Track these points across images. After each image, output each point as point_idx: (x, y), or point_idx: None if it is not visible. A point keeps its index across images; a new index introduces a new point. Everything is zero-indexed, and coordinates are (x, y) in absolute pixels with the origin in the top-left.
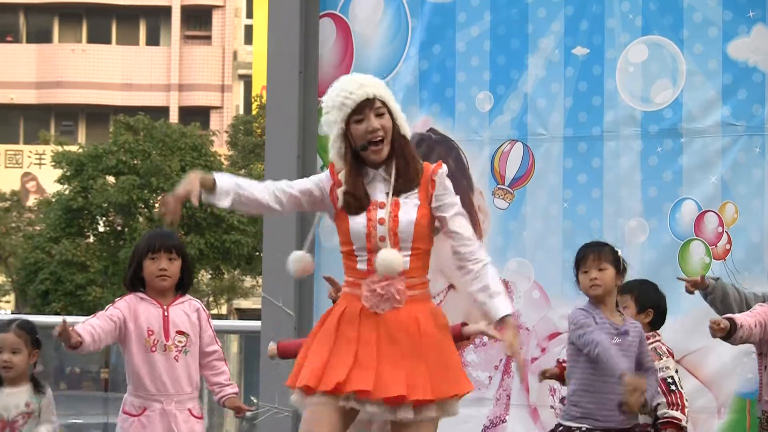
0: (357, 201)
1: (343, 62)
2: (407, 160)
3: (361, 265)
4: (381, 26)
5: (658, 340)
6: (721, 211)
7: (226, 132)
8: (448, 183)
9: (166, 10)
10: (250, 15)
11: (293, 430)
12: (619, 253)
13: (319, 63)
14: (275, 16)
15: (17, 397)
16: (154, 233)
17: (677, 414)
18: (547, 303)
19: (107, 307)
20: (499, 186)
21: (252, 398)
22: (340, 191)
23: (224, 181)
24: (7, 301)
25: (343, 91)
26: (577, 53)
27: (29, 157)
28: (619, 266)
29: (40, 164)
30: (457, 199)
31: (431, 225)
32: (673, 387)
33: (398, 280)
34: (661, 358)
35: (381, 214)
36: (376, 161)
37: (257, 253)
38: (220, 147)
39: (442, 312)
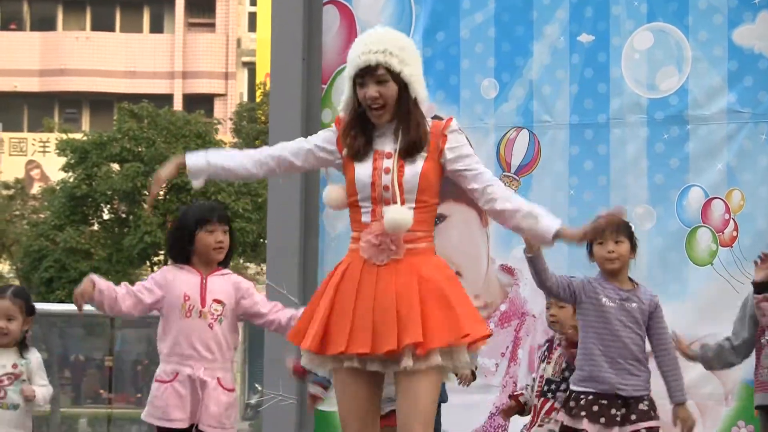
0: (357, 144)
1: (347, 49)
2: (411, 126)
3: (366, 217)
4: (384, 13)
5: None
6: (727, 197)
7: (230, 119)
8: (461, 136)
9: None
10: (253, 2)
11: (297, 417)
12: (633, 228)
13: (322, 50)
14: (279, 3)
15: (4, 358)
16: (203, 205)
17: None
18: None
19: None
20: (504, 173)
21: (256, 386)
22: (345, 138)
23: (195, 162)
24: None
25: (355, 50)
26: (582, 40)
27: (33, 144)
28: (633, 241)
29: (44, 152)
30: (471, 149)
31: (438, 179)
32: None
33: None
34: None
35: (387, 163)
36: (377, 123)
37: (261, 241)
38: (224, 134)
39: (447, 265)
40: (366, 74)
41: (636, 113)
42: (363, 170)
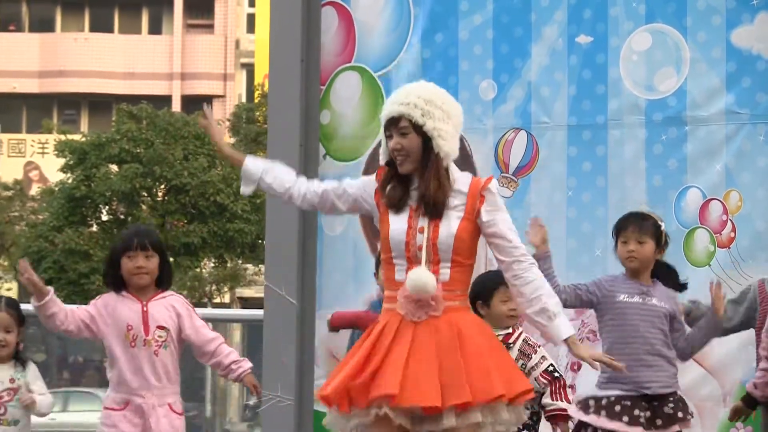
0: (395, 194)
1: (345, 51)
2: (428, 181)
3: (400, 275)
4: (383, 15)
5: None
6: (725, 199)
7: (229, 120)
8: (498, 199)
9: None
10: (252, 3)
11: (296, 418)
12: (662, 227)
13: (321, 51)
14: (277, 4)
15: (1, 373)
16: (130, 231)
17: (562, 404)
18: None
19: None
20: (503, 174)
21: None
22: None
23: (252, 169)
24: (9, 289)
25: (387, 101)
26: (580, 41)
27: (32, 146)
28: (661, 240)
29: (42, 153)
30: (507, 214)
31: (474, 239)
32: (556, 374)
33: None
34: (536, 351)
35: (422, 222)
36: (402, 173)
37: (260, 242)
38: (223, 135)
39: (483, 322)
40: (391, 126)
41: (634, 114)
42: (398, 227)
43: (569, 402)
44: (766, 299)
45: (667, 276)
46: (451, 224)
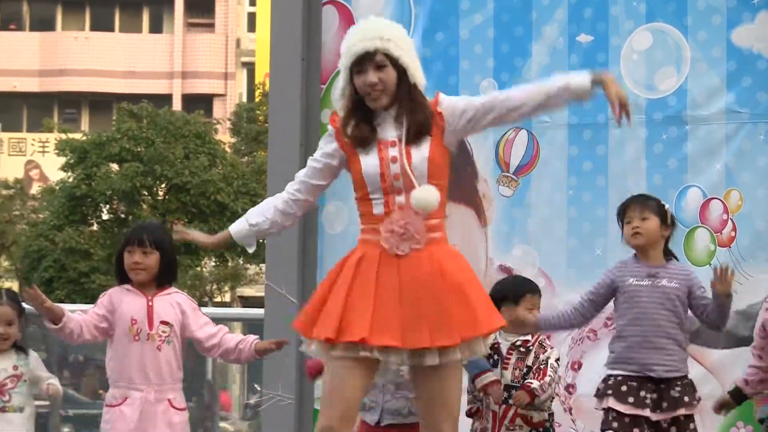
0: (361, 132)
1: None
2: (414, 109)
3: (378, 209)
4: (384, 14)
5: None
6: (726, 198)
7: (229, 119)
8: (452, 98)
9: None
10: (252, 2)
11: (296, 417)
12: (666, 207)
13: (321, 50)
14: (278, 3)
15: (4, 362)
16: (135, 226)
17: (534, 382)
18: (553, 290)
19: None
20: (503, 173)
21: (255, 386)
22: (346, 128)
23: (239, 230)
24: (10, 287)
25: (350, 39)
26: (581, 40)
27: (32, 145)
28: (666, 218)
29: (43, 152)
30: (467, 98)
31: (445, 158)
32: (542, 367)
33: (417, 219)
34: (545, 351)
35: (393, 152)
36: (375, 108)
37: (261, 241)
38: (224, 134)
39: (460, 253)
40: (365, 60)
41: (635, 113)
42: (370, 162)
43: (542, 380)
44: None
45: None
46: (421, 148)
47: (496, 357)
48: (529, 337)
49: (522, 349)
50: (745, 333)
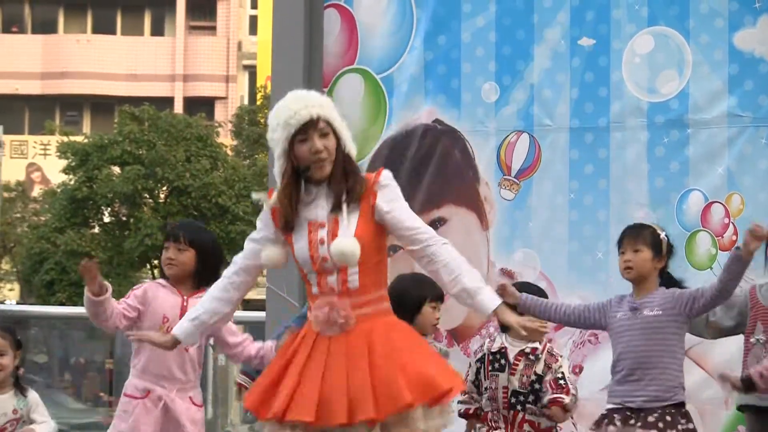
0: (285, 216)
1: (348, 53)
2: (349, 177)
3: (314, 289)
4: (386, 17)
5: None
6: (727, 201)
7: (231, 122)
8: (392, 188)
9: (171, 1)
10: (254, 5)
11: None
12: (662, 235)
13: (323, 53)
14: (280, 6)
15: (4, 405)
16: (175, 224)
17: (562, 395)
18: (554, 293)
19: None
20: (505, 177)
21: None
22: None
23: (183, 330)
24: (11, 289)
25: (288, 110)
26: (583, 44)
27: (34, 147)
28: (660, 249)
29: (45, 155)
30: (404, 202)
31: (377, 236)
32: (561, 382)
33: (341, 303)
34: (557, 360)
35: (321, 233)
36: (319, 177)
37: None
38: (225, 137)
39: (402, 324)
40: (309, 128)
41: (636, 117)
42: (300, 245)
43: (569, 394)
44: (757, 305)
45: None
46: (349, 228)
47: (503, 362)
48: (537, 345)
49: (531, 357)
50: (730, 323)
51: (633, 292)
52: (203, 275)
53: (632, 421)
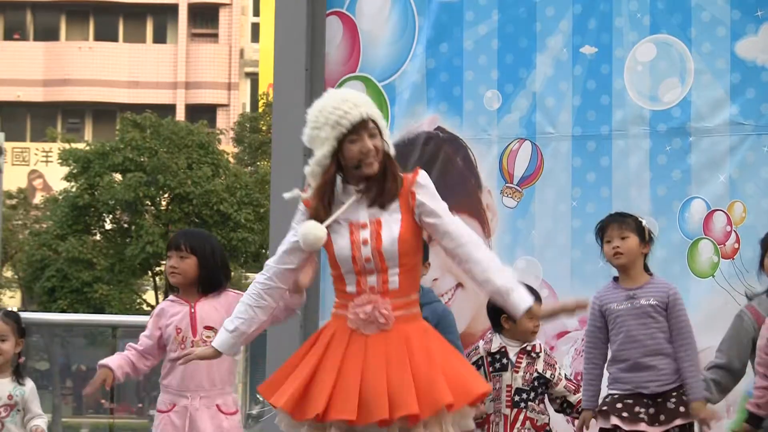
0: (317, 213)
1: (350, 60)
2: (392, 178)
3: (351, 288)
4: (388, 24)
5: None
6: (729, 210)
7: (233, 129)
8: (430, 188)
9: (173, 8)
10: (256, 13)
11: None
12: (644, 223)
13: (325, 61)
14: (282, 14)
15: (0, 389)
16: (176, 233)
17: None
18: (556, 301)
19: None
20: (507, 184)
21: (258, 396)
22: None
23: (223, 342)
24: (12, 297)
25: (337, 110)
26: (585, 52)
27: (36, 154)
28: (644, 235)
29: (46, 162)
30: (441, 201)
31: (417, 237)
32: (573, 380)
33: (383, 304)
34: (556, 362)
35: (364, 234)
36: (368, 175)
37: (264, 251)
38: (227, 145)
39: (433, 330)
40: (360, 128)
41: (639, 125)
42: (342, 245)
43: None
44: (760, 319)
45: None
46: (392, 229)
47: (504, 361)
48: (535, 342)
49: (532, 354)
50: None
51: (621, 279)
52: (207, 281)
53: (652, 410)
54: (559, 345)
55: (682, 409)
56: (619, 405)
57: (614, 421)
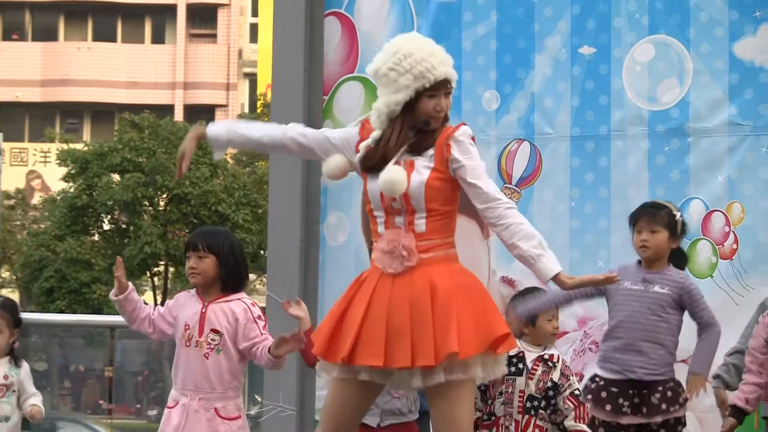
0: (377, 154)
1: (348, 61)
2: (436, 129)
3: (381, 227)
4: (386, 25)
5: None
6: (728, 210)
7: None
8: (468, 144)
9: (172, 9)
10: (255, 13)
11: (297, 428)
12: (677, 216)
13: (324, 61)
14: (280, 14)
15: None
16: (195, 231)
17: (584, 427)
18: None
19: None
20: (506, 185)
21: (256, 396)
22: (363, 145)
23: (215, 131)
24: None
25: (425, 61)
26: (583, 52)
27: (34, 155)
28: (675, 230)
29: (45, 162)
30: (475, 160)
31: (447, 187)
32: (581, 398)
33: (406, 237)
34: (572, 374)
35: None
36: (433, 129)
37: (262, 252)
38: None
39: (465, 270)
40: (440, 86)
41: (637, 125)
42: (373, 183)
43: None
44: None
45: (679, 260)
46: (422, 173)
47: (520, 366)
48: (554, 352)
49: (549, 363)
50: None
51: (642, 265)
52: (228, 279)
53: (636, 399)
54: (558, 345)
55: (664, 406)
56: (603, 394)
57: (593, 412)
